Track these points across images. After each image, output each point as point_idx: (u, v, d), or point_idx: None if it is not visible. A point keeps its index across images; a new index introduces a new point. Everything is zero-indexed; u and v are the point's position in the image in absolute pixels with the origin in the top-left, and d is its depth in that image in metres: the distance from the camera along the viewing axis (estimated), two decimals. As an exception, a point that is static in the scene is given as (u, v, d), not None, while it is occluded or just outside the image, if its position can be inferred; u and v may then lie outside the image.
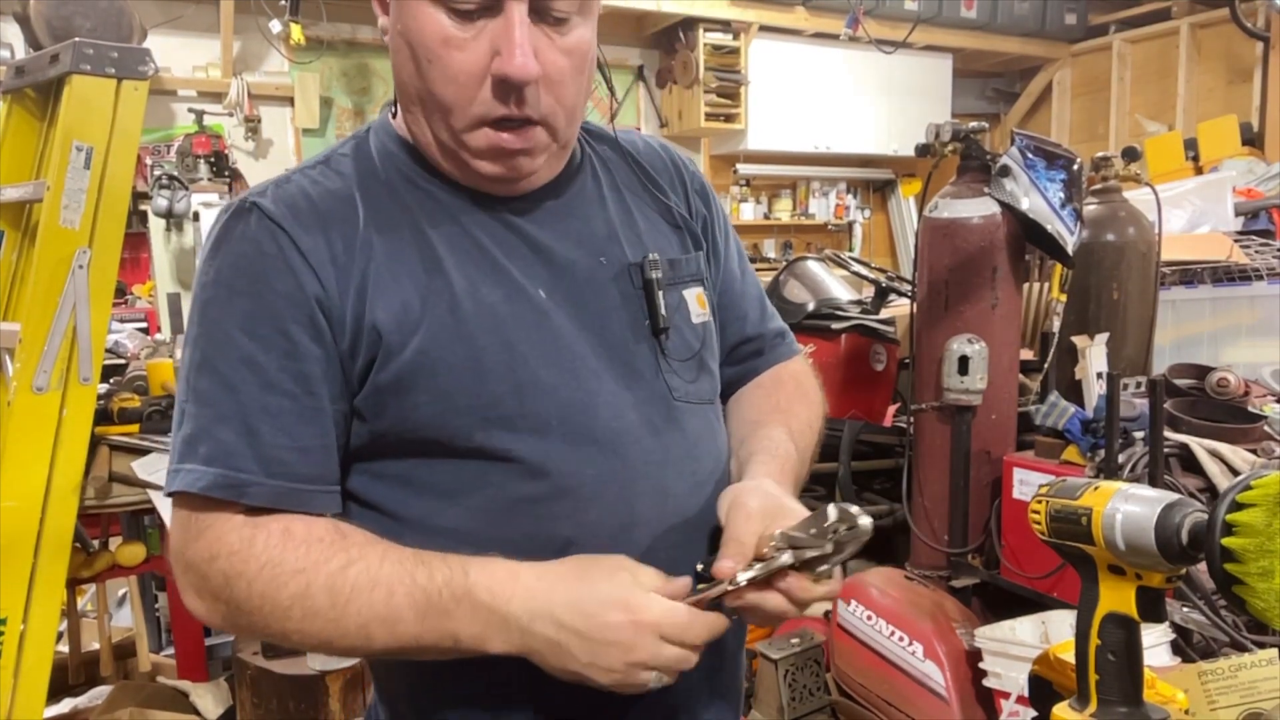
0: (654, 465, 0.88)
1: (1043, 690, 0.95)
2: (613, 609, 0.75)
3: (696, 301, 0.98)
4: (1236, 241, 3.01)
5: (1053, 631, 1.84)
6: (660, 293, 0.92)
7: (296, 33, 4.93)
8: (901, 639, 2.04)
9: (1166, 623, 1.66)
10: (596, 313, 0.90)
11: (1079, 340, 2.25)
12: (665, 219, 1.00)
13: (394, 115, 0.94)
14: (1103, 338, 2.24)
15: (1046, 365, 2.33)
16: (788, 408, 1.03)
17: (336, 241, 0.83)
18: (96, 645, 2.43)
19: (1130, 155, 2.48)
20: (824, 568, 0.78)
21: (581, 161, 0.97)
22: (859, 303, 3.00)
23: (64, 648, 2.37)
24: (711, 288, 1.03)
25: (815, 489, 2.76)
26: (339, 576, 0.77)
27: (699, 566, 0.84)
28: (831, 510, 0.76)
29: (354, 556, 0.78)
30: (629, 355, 0.91)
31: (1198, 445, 1.92)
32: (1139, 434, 1.93)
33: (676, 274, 0.96)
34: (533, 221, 0.90)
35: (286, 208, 0.83)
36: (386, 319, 0.82)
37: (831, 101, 6.42)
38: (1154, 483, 1.81)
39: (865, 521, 0.75)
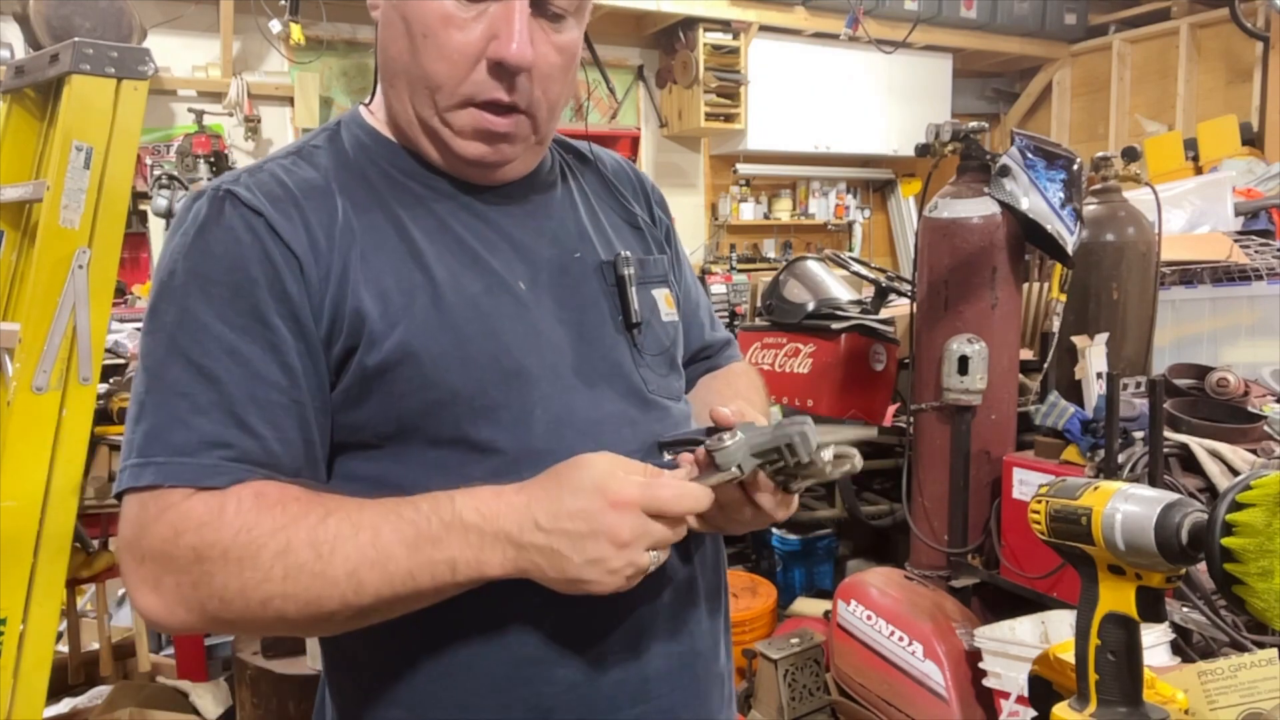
0: (630, 455, 0.88)
1: (1042, 690, 0.96)
2: (590, 497, 0.74)
3: (665, 301, 1.01)
4: (1236, 241, 3.01)
5: (1052, 631, 1.84)
6: (632, 289, 0.95)
7: (296, 33, 4.93)
8: (901, 639, 2.04)
9: (1166, 623, 1.66)
10: (575, 307, 0.92)
11: (1079, 340, 2.25)
12: (630, 224, 1.05)
13: (368, 104, 0.95)
14: (1102, 338, 2.24)
15: (1046, 365, 2.34)
16: (746, 395, 1.08)
17: (316, 229, 0.82)
18: (96, 645, 2.43)
19: (1130, 155, 2.48)
20: (797, 484, 0.81)
21: (553, 165, 1.00)
22: (859, 303, 3.00)
23: (64, 648, 2.37)
24: (677, 292, 1.06)
25: (815, 489, 2.76)
26: (319, 528, 0.74)
27: (661, 449, 0.89)
28: (833, 446, 0.79)
29: (332, 507, 0.76)
30: (606, 349, 0.93)
31: (1198, 445, 1.92)
32: (1139, 434, 1.93)
33: (646, 273, 0.99)
34: (509, 216, 0.92)
35: (263, 194, 0.82)
36: (370, 306, 0.81)
37: (831, 101, 6.42)
38: (1154, 483, 1.81)
39: (856, 463, 0.79)
